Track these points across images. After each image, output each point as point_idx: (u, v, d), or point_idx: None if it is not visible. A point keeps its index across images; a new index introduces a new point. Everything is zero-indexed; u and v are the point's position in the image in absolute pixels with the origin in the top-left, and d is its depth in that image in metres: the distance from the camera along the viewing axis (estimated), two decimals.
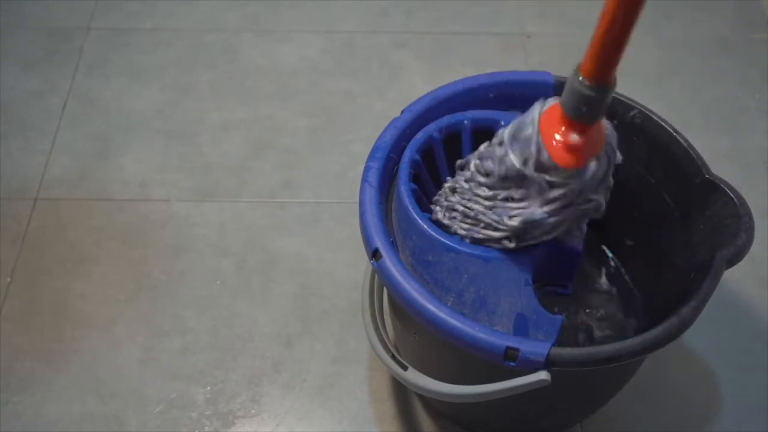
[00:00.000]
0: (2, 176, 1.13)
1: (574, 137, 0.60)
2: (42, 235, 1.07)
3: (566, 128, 0.61)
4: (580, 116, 0.59)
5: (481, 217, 0.73)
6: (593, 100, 0.58)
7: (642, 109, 0.83)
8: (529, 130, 0.63)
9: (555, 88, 0.85)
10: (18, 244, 1.05)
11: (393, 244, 0.74)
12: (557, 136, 0.61)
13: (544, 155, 0.63)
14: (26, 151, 1.15)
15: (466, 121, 0.83)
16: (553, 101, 0.64)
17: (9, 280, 1.02)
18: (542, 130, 0.63)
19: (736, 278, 1.02)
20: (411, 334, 0.80)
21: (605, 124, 0.65)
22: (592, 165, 0.64)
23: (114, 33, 1.31)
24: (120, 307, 1.00)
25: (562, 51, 1.30)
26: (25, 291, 1.01)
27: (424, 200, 0.81)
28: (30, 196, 1.10)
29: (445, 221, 0.77)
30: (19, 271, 1.03)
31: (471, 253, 0.73)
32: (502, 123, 0.82)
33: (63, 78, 1.24)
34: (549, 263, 0.75)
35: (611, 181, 0.69)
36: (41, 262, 1.04)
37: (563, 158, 0.62)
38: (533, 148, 0.64)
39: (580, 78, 0.58)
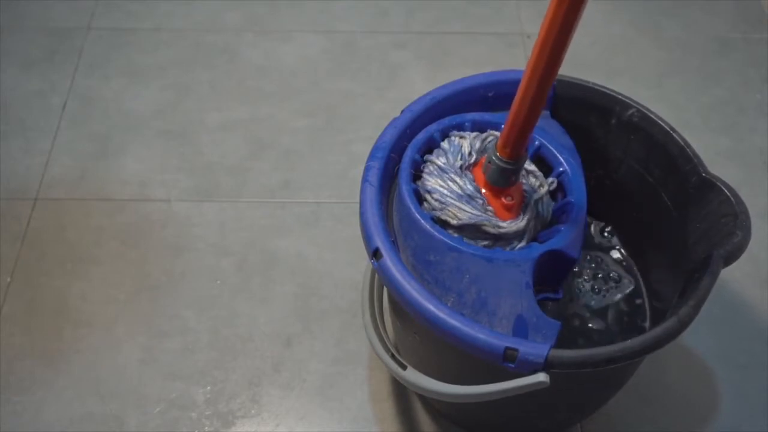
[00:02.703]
0: (2, 176, 1.13)
1: (509, 198, 0.76)
2: (42, 235, 1.07)
3: (497, 193, 0.76)
4: (505, 184, 0.75)
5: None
6: (511, 171, 0.74)
7: (639, 107, 0.83)
8: (479, 200, 0.76)
9: (553, 87, 0.85)
10: (18, 244, 1.06)
11: (393, 244, 0.74)
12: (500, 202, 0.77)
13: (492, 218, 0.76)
14: (26, 151, 1.16)
15: (467, 123, 0.83)
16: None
17: (9, 280, 1.02)
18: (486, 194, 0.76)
19: (735, 278, 1.02)
20: (411, 333, 0.80)
21: (532, 170, 0.80)
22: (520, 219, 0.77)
23: (114, 33, 1.31)
24: (120, 307, 1.00)
25: None
26: (25, 291, 1.01)
27: None
28: (30, 196, 1.10)
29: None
30: (19, 271, 1.03)
31: (473, 254, 0.73)
32: (502, 126, 0.82)
33: (63, 78, 1.24)
34: (545, 269, 0.75)
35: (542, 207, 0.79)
36: (41, 262, 1.04)
37: (504, 216, 0.76)
38: (484, 213, 0.76)
39: (499, 157, 0.73)
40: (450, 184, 0.77)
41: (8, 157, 1.15)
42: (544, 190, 0.79)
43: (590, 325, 0.86)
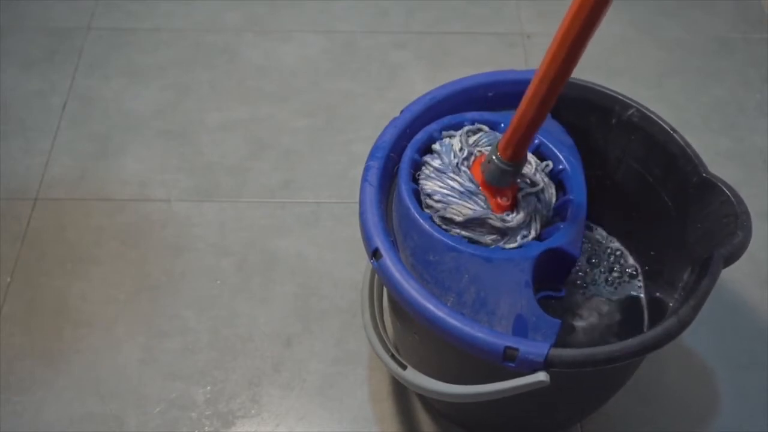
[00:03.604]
0: (2, 176, 1.13)
1: (504, 199, 0.76)
2: (42, 235, 1.07)
3: (493, 192, 0.76)
4: (503, 184, 0.75)
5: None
6: (511, 173, 0.74)
7: (639, 107, 0.83)
8: (481, 196, 0.76)
9: None
10: (18, 244, 1.06)
11: (393, 244, 0.74)
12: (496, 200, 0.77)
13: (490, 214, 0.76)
14: (26, 151, 1.16)
15: (466, 123, 0.83)
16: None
17: (9, 280, 1.02)
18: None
19: (736, 278, 1.02)
20: (411, 333, 0.80)
21: (533, 163, 0.80)
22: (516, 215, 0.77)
23: (114, 33, 1.31)
24: (120, 307, 1.00)
25: None
26: (25, 291, 1.01)
27: None
28: (30, 196, 1.10)
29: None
30: (19, 271, 1.03)
31: (472, 254, 0.73)
32: (502, 125, 0.82)
33: (63, 78, 1.24)
34: (545, 267, 0.75)
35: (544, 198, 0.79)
36: (41, 262, 1.04)
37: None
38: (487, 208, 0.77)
39: (499, 158, 0.73)
40: (449, 182, 0.77)
41: (8, 157, 1.15)
42: (540, 185, 0.78)
43: (589, 321, 0.86)
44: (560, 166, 0.80)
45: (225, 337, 0.98)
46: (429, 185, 0.77)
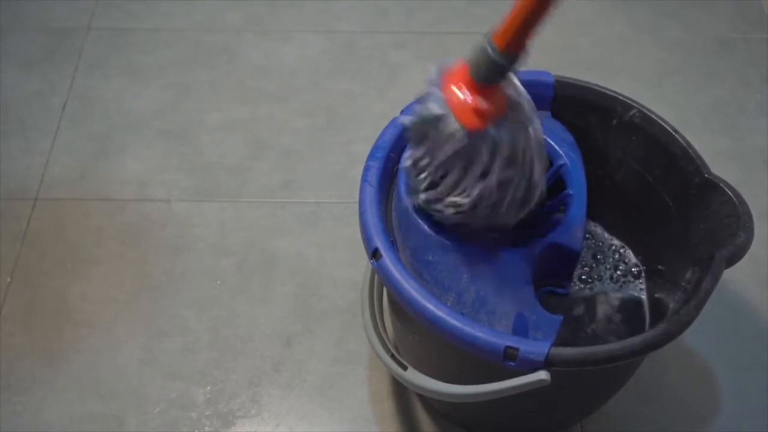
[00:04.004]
0: (2, 176, 1.13)
1: (482, 102, 0.60)
2: (42, 235, 1.07)
3: (473, 92, 0.61)
4: (489, 81, 0.60)
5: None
6: (505, 68, 0.60)
7: (641, 108, 0.83)
8: (435, 94, 0.63)
9: (554, 88, 0.85)
10: (18, 244, 1.05)
11: (393, 244, 0.74)
12: (465, 99, 0.61)
13: (450, 119, 0.63)
14: (26, 151, 1.15)
15: None
16: (447, 65, 0.66)
17: (9, 280, 1.02)
18: (446, 92, 0.63)
19: (736, 278, 1.02)
20: (411, 333, 0.80)
21: (521, 90, 0.66)
22: (492, 131, 0.63)
23: (114, 33, 1.31)
24: (120, 307, 1.00)
25: (562, 51, 1.30)
26: (25, 291, 1.01)
27: None
28: (30, 196, 1.10)
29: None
30: (19, 271, 1.03)
31: (472, 253, 0.73)
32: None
33: (63, 78, 1.24)
34: (548, 263, 0.75)
35: (537, 153, 0.68)
36: (41, 262, 1.04)
37: (470, 121, 0.62)
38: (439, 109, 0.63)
39: (494, 47, 0.59)
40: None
41: (8, 157, 1.15)
42: (525, 109, 0.65)
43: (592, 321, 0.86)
44: (560, 162, 0.80)
45: (225, 337, 0.98)
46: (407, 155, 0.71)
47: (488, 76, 0.61)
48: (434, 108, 0.65)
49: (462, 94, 0.63)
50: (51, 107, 1.21)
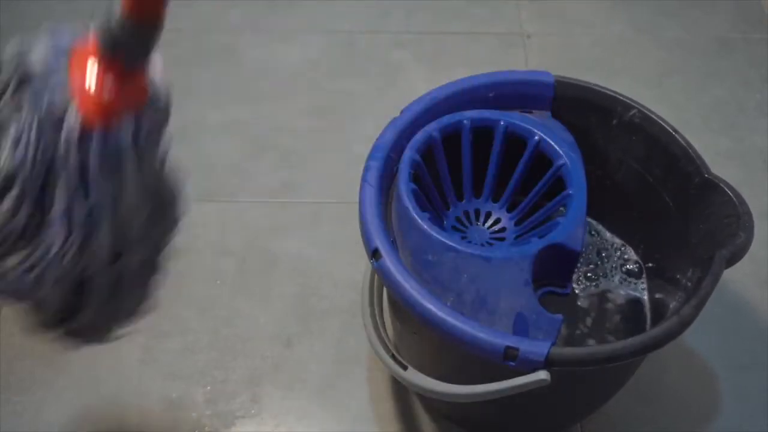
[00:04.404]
0: None
1: (110, 87, 0.45)
2: None
3: (104, 72, 0.45)
4: (114, 60, 0.44)
5: None
6: (141, 46, 0.44)
7: (641, 108, 0.83)
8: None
9: (554, 88, 0.85)
10: None
11: (393, 244, 0.74)
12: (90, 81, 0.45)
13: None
14: None
15: (465, 121, 0.83)
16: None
17: None
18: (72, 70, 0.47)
19: (736, 278, 1.02)
20: (411, 333, 0.80)
21: (159, 81, 0.48)
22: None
23: None
24: None
25: (562, 51, 1.30)
26: None
27: (424, 200, 0.81)
28: None
29: None
30: None
31: (471, 253, 0.73)
32: (501, 123, 0.83)
33: None
34: (548, 263, 0.75)
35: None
36: None
37: (91, 109, 0.45)
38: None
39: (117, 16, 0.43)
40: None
41: None
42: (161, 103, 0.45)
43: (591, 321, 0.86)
44: (560, 162, 0.80)
45: (225, 337, 0.98)
46: None
47: (128, 54, 0.45)
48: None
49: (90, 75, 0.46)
50: None
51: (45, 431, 0.91)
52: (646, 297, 0.87)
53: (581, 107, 0.85)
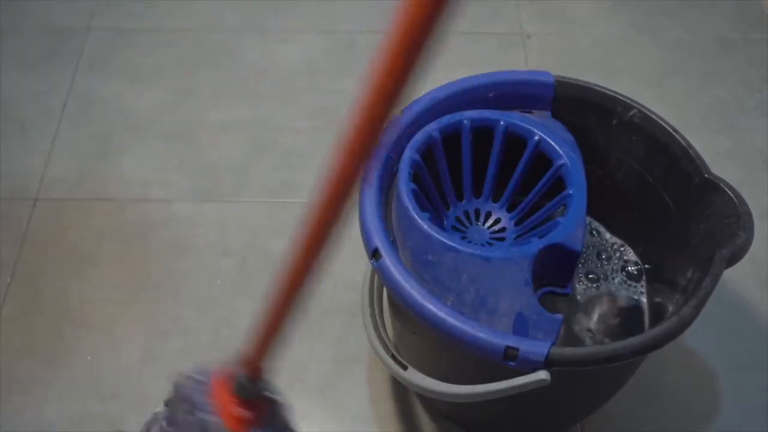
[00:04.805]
0: (2, 176, 1.13)
1: (243, 411, 0.67)
2: (42, 236, 1.07)
3: (235, 402, 0.68)
4: (243, 396, 0.68)
5: None
6: (249, 391, 0.68)
7: (641, 108, 0.83)
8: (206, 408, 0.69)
9: (554, 88, 0.85)
10: (18, 244, 1.05)
11: (393, 244, 0.74)
12: (229, 407, 0.69)
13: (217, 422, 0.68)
14: (26, 151, 1.15)
15: (465, 121, 0.83)
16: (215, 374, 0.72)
17: (9, 280, 1.02)
18: (216, 397, 0.70)
19: (736, 278, 1.02)
20: (411, 333, 0.80)
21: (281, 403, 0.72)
22: None
23: (114, 33, 1.31)
24: (120, 307, 1.00)
25: (562, 51, 1.30)
26: (25, 291, 1.01)
27: (424, 200, 0.81)
28: (30, 196, 1.10)
29: None
30: (19, 271, 1.03)
31: (471, 253, 0.73)
32: (501, 123, 0.83)
33: (63, 78, 1.24)
34: (548, 263, 0.75)
35: None
36: (41, 262, 1.04)
37: (233, 425, 0.68)
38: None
39: (245, 377, 0.68)
40: None
41: (8, 157, 1.15)
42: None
43: (592, 321, 0.86)
44: (560, 162, 0.80)
45: (225, 337, 0.98)
46: None
47: (247, 395, 0.69)
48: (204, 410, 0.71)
49: (226, 401, 0.70)
50: (51, 107, 1.21)
51: (45, 431, 0.91)
52: (645, 299, 0.87)
53: (581, 107, 0.85)
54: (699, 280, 0.71)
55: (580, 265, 0.88)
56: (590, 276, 0.88)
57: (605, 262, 0.89)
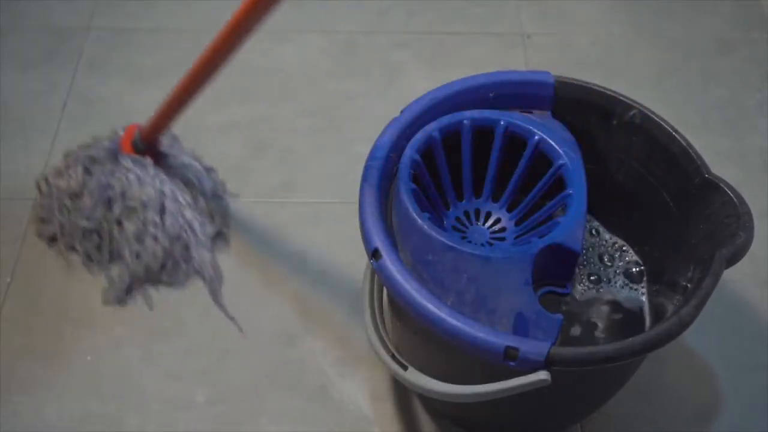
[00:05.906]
0: (2, 176, 1.13)
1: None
2: None
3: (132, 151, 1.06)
4: (137, 150, 1.07)
5: None
6: (140, 147, 1.05)
7: (641, 108, 0.83)
8: None
9: (555, 88, 0.85)
10: (18, 244, 1.05)
11: (393, 244, 0.74)
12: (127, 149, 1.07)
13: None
14: (26, 151, 1.15)
15: (465, 121, 0.83)
16: None
17: (9, 280, 1.02)
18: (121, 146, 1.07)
19: (736, 278, 1.02)
20: (411, 333, 0.80)
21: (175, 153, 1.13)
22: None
23: (114, 33, 1.31)
24: (120, 307, 1.00)
25: (562, 51, 1.30)
26: (25, 291, 1.01)
27: (424, 200, 0.81)
28: (30, 196, 1.10)
29: None
30: (19, 271, 1.03)
31: (471, 253, 0.73)
32: (501, 122, 0.83)
33: (63, 78, 1.24)
34: (548, 263, 0.75)
35: None
36: (41, 262, 1.04)
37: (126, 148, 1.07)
38: None
39: (140, 139, 1.04)
40: None
41: (8, 157, 1.15)
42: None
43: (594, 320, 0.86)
44: (560, 161, 0.80)
45: (225, 337, 0.98)
46: None
47: (140, 149, 1.04)
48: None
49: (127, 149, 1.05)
50: (51, 107, 1.21)
51: (45, 431, 0.91)
52: (646, 297, 0.87)
53: (581, 107, 0.85)
54: (699, 280, 0.71)
55: (581, 266, 0.88)
56: (592, 278, 0.88)
57: (605, 263, 0.89)
